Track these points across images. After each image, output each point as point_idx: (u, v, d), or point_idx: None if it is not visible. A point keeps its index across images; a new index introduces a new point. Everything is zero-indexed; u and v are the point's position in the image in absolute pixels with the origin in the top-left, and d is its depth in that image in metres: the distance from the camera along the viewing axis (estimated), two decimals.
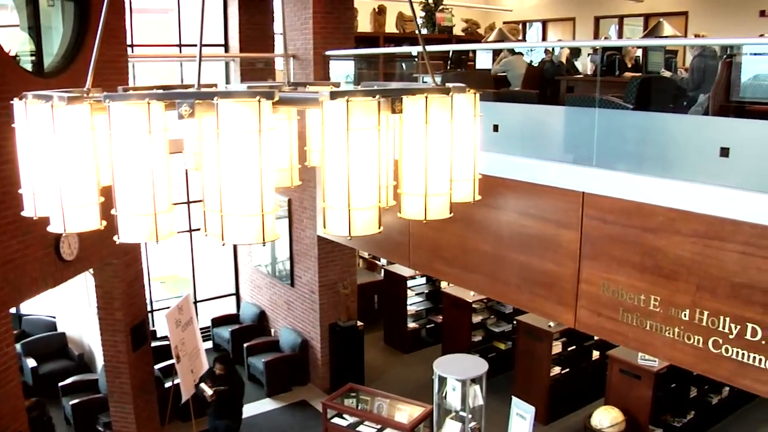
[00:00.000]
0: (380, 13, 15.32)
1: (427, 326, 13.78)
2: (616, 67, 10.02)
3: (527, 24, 20.49)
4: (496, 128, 7.57)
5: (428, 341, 13.66)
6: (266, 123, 2.02)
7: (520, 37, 18.80)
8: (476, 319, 12.18)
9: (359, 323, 11.74)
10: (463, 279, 8.23)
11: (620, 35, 18.62)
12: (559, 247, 6.89)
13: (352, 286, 11.72)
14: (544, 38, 20.19)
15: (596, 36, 18.66)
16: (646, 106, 6.76)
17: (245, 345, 12.23)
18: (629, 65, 10.89)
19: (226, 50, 13.10)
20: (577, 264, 6.75)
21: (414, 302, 13.69)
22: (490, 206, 7.56)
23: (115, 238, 2.21)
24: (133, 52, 12.17)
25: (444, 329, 12.75)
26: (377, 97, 2.10)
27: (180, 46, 12.92)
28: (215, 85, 3.43)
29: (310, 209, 11.11)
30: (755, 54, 13.24)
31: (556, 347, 10.62)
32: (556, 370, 10.79)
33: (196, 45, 12.26)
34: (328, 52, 10.35)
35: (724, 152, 5.71)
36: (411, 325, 13.53)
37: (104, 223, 2.37)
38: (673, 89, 8.06)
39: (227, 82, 12.98)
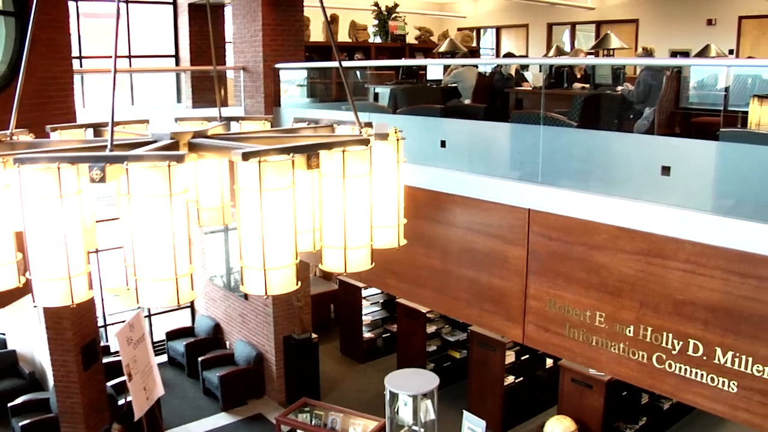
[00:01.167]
0: (332, 22, 15.28)
1: (383, 335, 13.78)
2: (565, 79, 10.09)
3: (481, 30, 20.61)
4: (443, 144, 7.60)
5: (384, 350, 13.65)
6: (177, 187, 1.99)
7: (474, 44, 18.89)
8: (431, 329, 12.20)
9: (314, 335, 11.71)
10: (413, 294, 8.25)
11: (572, 42, 18.82)
12: (507, 263, 6.93)
13: (305, 298, 11.69)
14: (497, 44, 20.32)
15: (549, 42, 18.84)
16: (590, 123, 6.83)
17: (200, 359, 12.13)
18: (578, 75, 10.97)
19: (177, 61, 13.01)
20: (524, 280, 6.79)
21: (369, 312, 13.69)
22: (439, 222, 7.57)
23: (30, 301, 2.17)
24: (81, 63, 12.05)
25: (399, 339, 12.75)
26: (291, 155, 2.09)
27: (129, 57, 12.80)
28: (147, 122, 3.40)
29: None
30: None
31: (510, 357, 10.68)
32: (510, 379, 10.84)
33: (147, 57, 12.18)
34: (277, 65, 10.31)
35: (665, 171, 5.78)
36: (366, 334, 13.53)
37: (23, 279, 2.33)
38: (617, 105, 8.14)
39: (178, 93, 12.91)
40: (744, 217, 5.25)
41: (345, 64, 12.84)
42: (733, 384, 5.46)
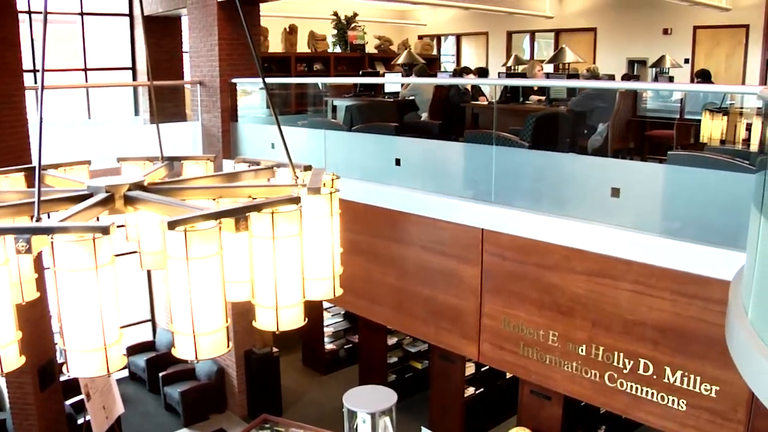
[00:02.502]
0: (291, 32, 15.25)
1: (345, 347, 13.75)
2: (521, 93, 10.15)
3: (442, 38, 20.70)
4: (398, 162, 7.63)
5: (346, 361, 13.61)
6: (104, 258, 1.99)
7: (434, 52, 18.96)
8: (392, 340, 12.21)
9: (274, 349, 11.68)
10: (370, 311, 8.28)
11: (532, 49, 18.96)
12: (462, 282, 6.98)
13: None
14: (458, 51, 20.42)
15: (508, 49, 18.97)
16: (542, 143, 6.88)
17: (160, 374, 12.04)
18: (535, 88, 11.05)
19: (134, 74, 12.93)
20: (479, 299, 6.84)
21: (331, 323, 13.68)
22: (394, 240, 7.61)
23: None
24: (35, 77, 11.90)
25: (360, 351, 12.73)
26: (219, 221, 2.10)
27: (85, 70, 12.69)
28: (88, 162, 3.37)
29: None
30: (659, 73, 13.65)
31: (470, 368, 10.72)
32: (471, 390, 10.89)
33: (102, 69, 12.07)
34: (234, 80, 10.27)
35: (615, 192, 5.85)
36: (328, 346, 13.50)
37: None
38: (569, 123, 8.22)
39: (136, 105, 12.84)
40: (690, 239, 5.34)
41: (295, 80, 12.87)
42: (683, 402, 5.56)
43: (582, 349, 6.10)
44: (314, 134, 8.75)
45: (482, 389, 11.06)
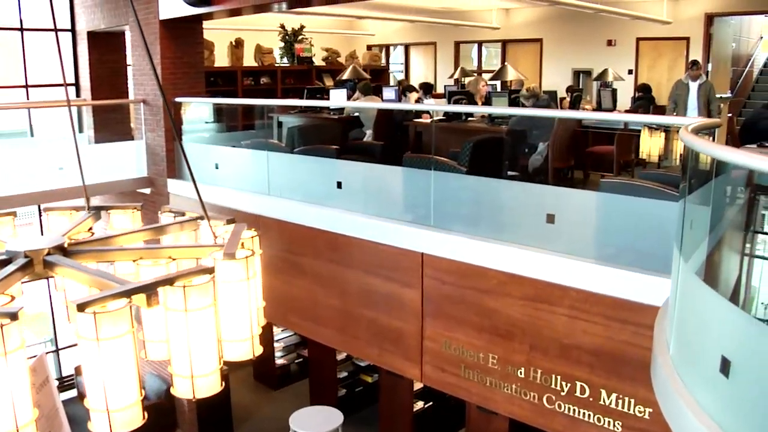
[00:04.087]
0: (237, 46, 15.21)
1: (296, 361, 13.73)
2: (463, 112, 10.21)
3: (390, 47, 20.80)
4: (339, 185, 7.68)
5: (298, 375, 13.58)
6: (13, 344, 2.00)
7: (383, 63, 19.03)
8: (341, 355, 12.24)
9: (224, 367, 11.60)
10: (315, 332, 8.30)
11: (480, 58, 19.15)
12: (404, 305, 7.03)
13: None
14: (406, 61, 20.54)
15: (456, 59, 19.13)
16: (480, 167, 6.95)
17: None
18: (479, 104, 11.15)
19: (78, 90, 12.79)
20: (420, 322, 6.90)
21: (282, 337, 13.65)
22: (337, 263, 7.65)
23: None
24: None
25: (311, 367, 12.72)
26: (130, 300, 2.12)
27: (27, 87, 12.52)
28: (14, 214, 3.35)
29: None
30: (603, 86, 13.84)
31: (418, 383, 10.78)
32: (420, 404, 10.97)
33: (45, 86, 11.88)
34: (177, 99, 10.21)
35: (550, 219, 5.95)
36: (279, 361, 13.47)
37: None
38: (508, 146, 8.31)
39: (80, 123, 12.70)
40: (624, 265, 5.44)
41: (241, 101, 12.82)
42: (618, 424, 5.66)
43: (521, 372, 6.19)
44: (257, 155, 8.77)
45: (431, 403, 11.15)
